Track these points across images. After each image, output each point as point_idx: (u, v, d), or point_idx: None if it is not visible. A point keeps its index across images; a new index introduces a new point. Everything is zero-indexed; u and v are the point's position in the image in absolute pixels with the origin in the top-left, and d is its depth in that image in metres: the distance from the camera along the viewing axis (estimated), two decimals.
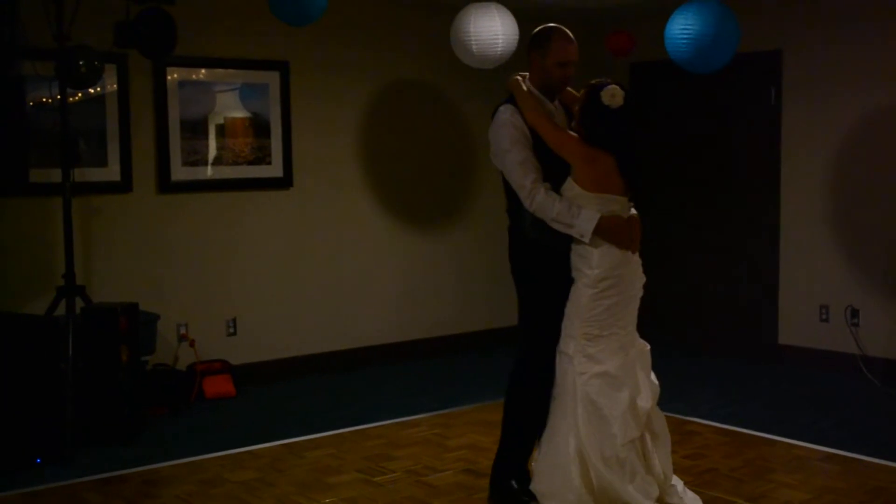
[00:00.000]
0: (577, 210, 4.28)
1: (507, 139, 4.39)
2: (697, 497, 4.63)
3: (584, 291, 4.34)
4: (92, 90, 6.48)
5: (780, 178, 7.79)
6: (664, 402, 6.59)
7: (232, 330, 7.24)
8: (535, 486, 4.45)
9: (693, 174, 8.41)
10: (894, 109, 7.11)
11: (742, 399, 6.80)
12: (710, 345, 8.27)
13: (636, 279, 4.51)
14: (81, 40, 5.78)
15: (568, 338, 4.39)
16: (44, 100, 6.31)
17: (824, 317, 7.56)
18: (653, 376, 4.55)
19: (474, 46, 6.32)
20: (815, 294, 7.61)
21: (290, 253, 7.50)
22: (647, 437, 4.43)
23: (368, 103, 7.88)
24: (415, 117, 8.14)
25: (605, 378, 4.31)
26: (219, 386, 6.90)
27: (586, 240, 4.29)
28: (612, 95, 4.25)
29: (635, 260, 4.50)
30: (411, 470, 5.32)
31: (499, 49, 6.32)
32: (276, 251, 7.44)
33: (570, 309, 4.39)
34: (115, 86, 6.67)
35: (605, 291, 4.33)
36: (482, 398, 6.64)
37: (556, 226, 4.33)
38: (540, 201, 4.31)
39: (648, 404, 4.40)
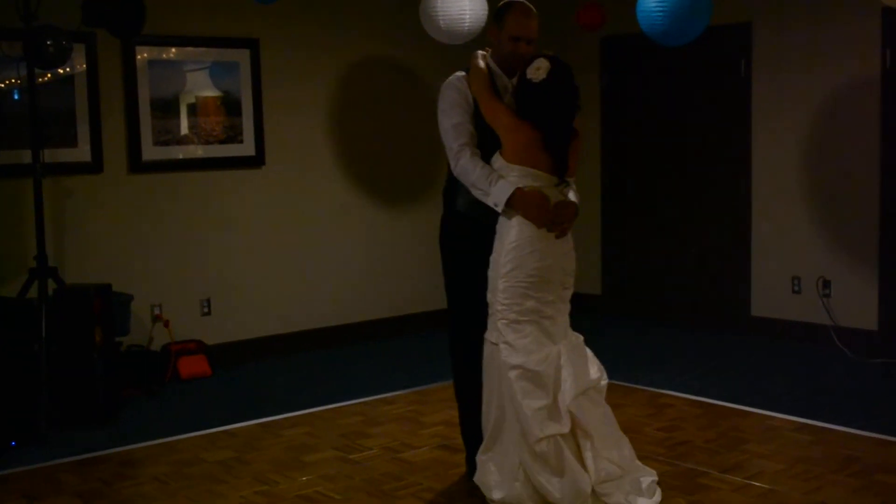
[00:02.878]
0: (496, 179, 4.21)
1: (447, 101, 4.42)
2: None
3: (497, 270, 4.22)
4: (60, 70, 6.43)
5: (751, 150, 7.82)
6: (639, 375, 6.65)
7: (206, 310, 7.22)
8: (479, 478, 4.37)
9: (664, 146, 8.43)
10: (863, 82, 7.14)
11: (716, 371, 6.85)
12: (684, 317, 8.32)
13: (560, 265, 4.28)
14: (49, 20, 5.73)
15: (490, 326, 4.27)
16: (11, 80, 6.25)
17: (796, 288, 7.61)
18: (595, 372, 4.33)
19: (442, 22, 6.31)
20: (787, 266, 7.66)
21: (264, 232, 7.48)
22: (579, 433, 4.21)
23: (339, 81, 7.85)
24: (385, 94, 8.11)
25: (524, 372, 4.14)
26: (194, 366, 6.88)
27: (499, 209, 4.20)
28: (537, 69, 4.18)
29: (562, 246, 4.29)
30: (387, 447, 5.34)
31: (466, 25, 6.31)
32: (250, 230, 7.41)
33: (489, 293, 4.29)
34: (83, 66, 6.61)
35: (512, 271, 4.17)
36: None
37: (475, 192, 4.28)
38: (463, 164, 4.30)
39: (568, 400, 4.16)
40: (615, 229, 8.83)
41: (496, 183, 4.19)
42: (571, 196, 4.35)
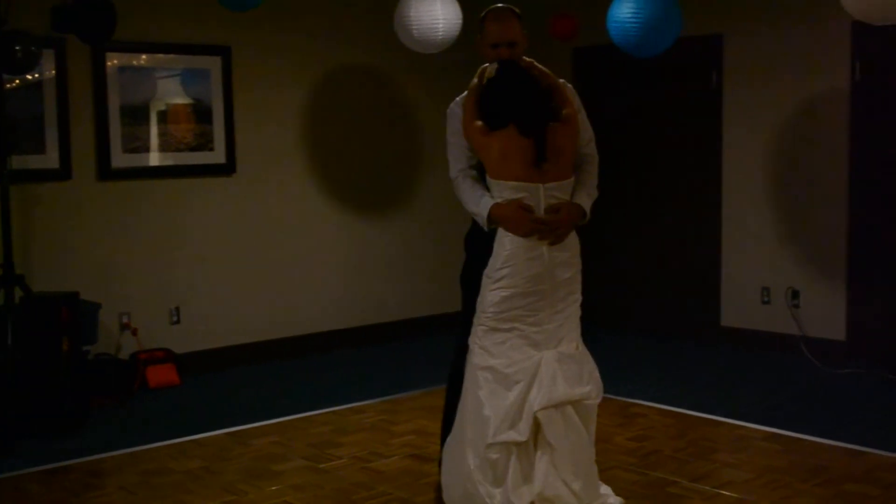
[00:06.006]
0: (480, 197, 4.20)
1: (448, 129, 4.40)
2: None
3: (485, 281, 4.19)
4: (29, 76, 6.38)
5: (722, 162, 7.86)
6: (610, 384, 6.65)
7: (175, 318, 7.18)
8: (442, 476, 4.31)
9: (635, 157, 8.46)
10: (832, 93, 7.20)
11: (686, 381, 6.87)
12: (654, 327, 8.34)
13: (552, 273, 4.18)
14: (18, 25, 5.69)
15: (472, 331, 4.23)
16: None
17: (766, 299, 7.65)
18: (584, 388, 4.17)
19: (415, 31, 6.31)
20: (757, 276, 7.70)
21: (234, 240, 7.45)
22: (540, 444, 4.08)
23: (311, 89, 7.83)
24: (358, 103, 8.10)
25: (493, 373, 4.08)
26: (162, 375, 6.84)
27: (484, 227, 4.18)
28: (489, 73, 4.19)
29: (558, 253, 4.21)
30: (357, 456, 5.31)
31: (439, 34, 6.31)
32: (220, 238, 7.38)
33: (479, 298, 4.24)
34: (53, 71, 6.57)
35: (499, 281, 4.12)
36: (428, 384, 6.64)
37: (472, 214, 4.28)
38: (457, 189, 4.32)
39: (535, 407, 4.03)
40: (587, 240, 8.80)
41: (480, 201, 4.19)
42: (581, 194, 4.28)
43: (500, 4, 4.42)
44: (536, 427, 4.07)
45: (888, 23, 5.27)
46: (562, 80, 4.36)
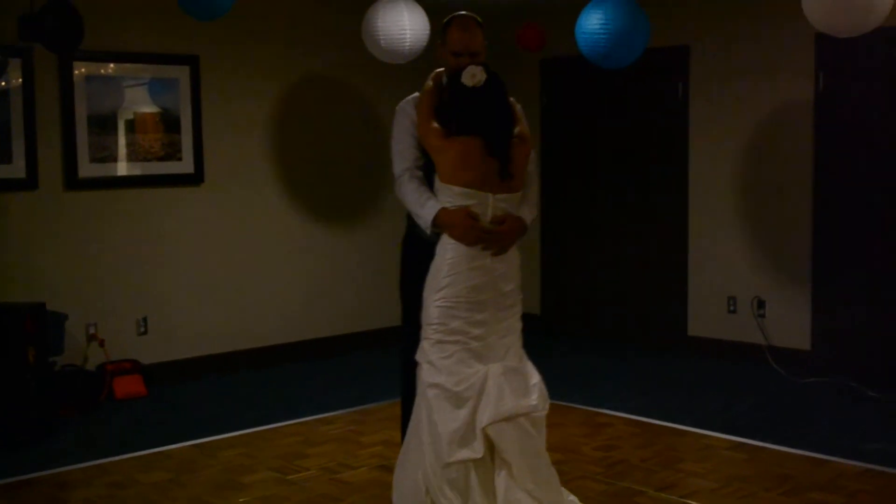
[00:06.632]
0: (426, 200, 4.14)
1: (395, 126, 4.37)
2: None
3: (431, 288, 4.12)
4: None
5: (688, 172, 7.93)
6: (576, 394, 6.68)
7: (143, 329, 7.14)
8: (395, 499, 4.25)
9: (602, 168, 8.51)
10: (797, 105, 7.27)
11: (652, 390, 6.90)
12: (621, 337, 8.38)
13: (494, 284, 4.11)
14: None
15: (420, 345, 4.17)
16: None
17: (732, 308, 7.71)
18: (533, 400, 4.09)
19: (382, 41, 6.32)
20: (723, 286, 7.76)
21: (201, 250, 7.42)
22: (489, 459, 4.03)
23: (280, 99, 7.83)
24: (326, 113, 8.10)
25: (441, 392, 4.01)
26: (129, 386, 6.80)
27: (427, 231, 4.13)
28: (472, 75, 4.09)
29: (499, 265, 4.13)
30: (325, 467, 5.31)
31: (406, 44, 6.32)
32: (187, 249, 7.35)
33: (423, 311, 4.18)
34: (19, 80, 6.52)
35: (442, 290, 4.06)
36: (396, 394, 6.57)
37: (413, 215, 4.24)
38: (401, 189, 4.26)
39: (485, 422, 3.97)
40: (554, 249, 8.88)
41: (426, 204, 4.14)
42: (524, 210, 4.23)
43: (464, 12, 4.39)
44: (491, 441, 4.03)
45: (850, 35, 5.34)
46: (511, 98, 4.31)
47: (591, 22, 5.76)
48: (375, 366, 7.77)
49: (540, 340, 8.24)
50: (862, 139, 7.04)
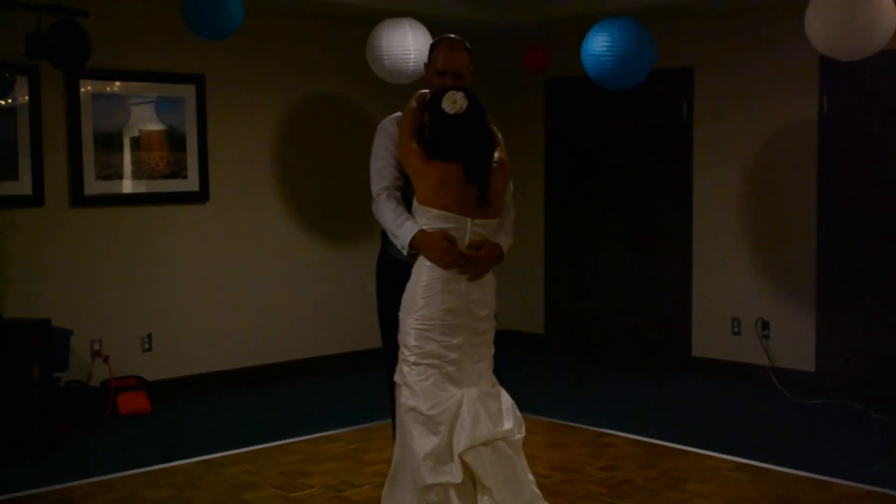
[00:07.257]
0: (403, 220, 4.14)
1: (375, 144, 4.36)
2: None
3: (407, 310, 4.12)
4: (2, 102, 6.37)
5: (692, 193, 7.94)
6: (580, 414, 6.67)
7: (147, 345, 7.15)
8: None
9: (606, 188, 8.52)
10: (801, 127, 7.29)
11: (656, 410, 6.90)
12: (625, 357, 8.38)
13: (468, 309, 4.07)
14: None
15: (397, 367, 4.15)
16: None
17: (736, 329, 7.71)
18: (509, 424, 4.04)
19: (386, 62, 6.36)
20: (727, 307, 7.76)
21: (206, 267, 7.44)
22: (469, 483, 3.96)
23: (285, 117, 7.86)
24: (331, 132, 8.13)
25: (418, 416, 3.98)
26: (133, 402, 6.80)
27: (404, 252, 4.12)
28: (453, 102, 4.05)
29: (475, 290, 4.09)
30: (329, 485, 5.31)
31: (410, 64, 6.36)
32: (192, 266, 7.37)
33: (399, 333, 4.16)
34: (26, 98, 6.56)
35: (417, 311, 4.03)
36: None
37: (389, 235, 4.25)
38: (378, 208, 4.27)
39: (461, 448, 3.91)
40: (558, 270, 8.89)
41: (403, 225, 4.13)
42: (501, 236, 4.20)
43: (452, 35, 4.40)
44: (467, 468, 3.96)
45: (853, 58, 5.37)
46: (492, 126, 4.28)
47: (598, 44, 5.79)
48: (379, 384, 7.71)
49: (544, 360, 8.28)
50: (866, 161, 7.06)
